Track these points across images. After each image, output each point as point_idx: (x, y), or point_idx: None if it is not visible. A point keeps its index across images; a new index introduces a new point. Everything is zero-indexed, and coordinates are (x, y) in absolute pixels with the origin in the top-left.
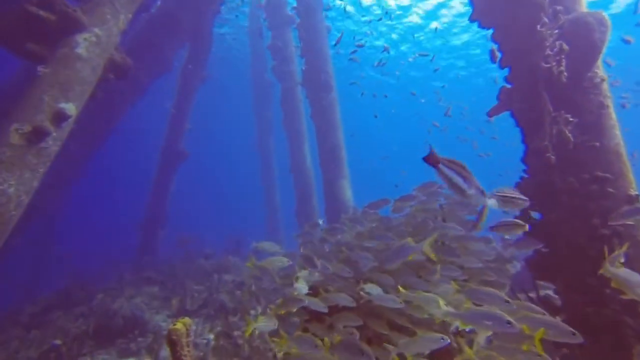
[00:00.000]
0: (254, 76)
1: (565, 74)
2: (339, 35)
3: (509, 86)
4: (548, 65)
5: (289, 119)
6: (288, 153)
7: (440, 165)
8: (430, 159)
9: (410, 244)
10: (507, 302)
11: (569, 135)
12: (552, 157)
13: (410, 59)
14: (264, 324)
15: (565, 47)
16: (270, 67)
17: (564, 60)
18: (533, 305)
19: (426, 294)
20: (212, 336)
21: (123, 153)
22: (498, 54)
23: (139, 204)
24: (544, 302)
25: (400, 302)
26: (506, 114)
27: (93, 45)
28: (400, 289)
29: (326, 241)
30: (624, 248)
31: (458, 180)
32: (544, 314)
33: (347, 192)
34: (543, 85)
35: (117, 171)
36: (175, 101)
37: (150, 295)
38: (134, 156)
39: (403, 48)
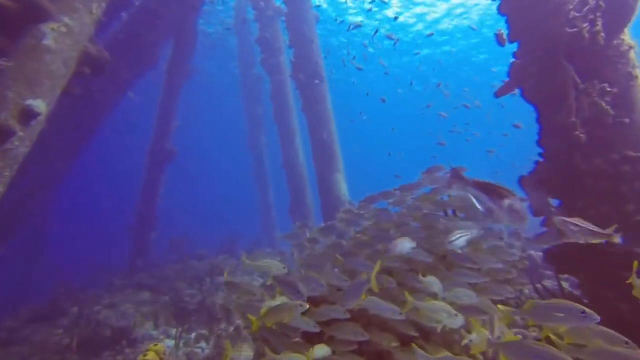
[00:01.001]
0: (242, 71)
1: (602, 34)
2: (327, 25)
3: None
4: (574, 30)
5: (279, 113)
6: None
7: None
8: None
9: (362, 279)
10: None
11: (607, 107)
12: (582, 135)
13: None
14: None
15: (602, 3)
16: (259, 60)
17: (599, 19)
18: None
19: (436, 302)
20: (206, 344)
21: (111, 153)
22: (504, 33)
23: (129, 206)
24: (569, 298)
25: (402, 313)
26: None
27: (63, 35)
28: (407, 296)
29: (317, 242)
30: None
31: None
32: None
33: (342, 186)
34: (564, 54)
35: (106, 173)
36: (161, 98)
37: (141, 301)
38: (122, 156)
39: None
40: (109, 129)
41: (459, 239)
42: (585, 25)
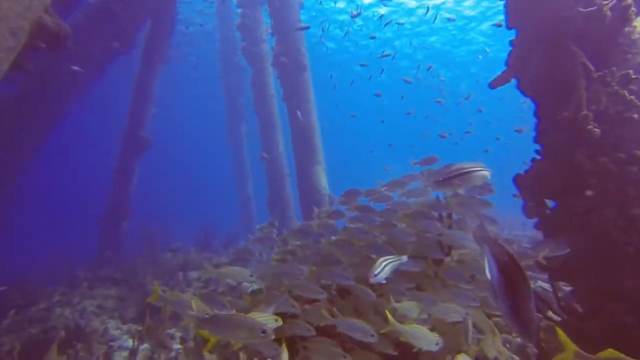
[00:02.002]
0: (223, 59)
1: (633, 9)
2: (311, 12)
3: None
4: (591, 9)
5: (259, 102)
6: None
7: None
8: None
9: None
10: None
11: (632, 98)
12: (596, 130)
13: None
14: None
15: None
16: (240, 48)
17: None
18: None
19: (417, 327)
20: (177, 345)
21: (81, 141)
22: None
23: (100, 195)
24: (566, 309)
25: (374, 335)
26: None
27: (9, 1)
28: (388, 316)
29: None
30: None
31: None
32: None
33: (322, 179)
34: (571, 39)
35: (75, 159)
36: (136, 83)
37: (105, 297)
38: (93, 143)
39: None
40: (81, 113)
41: (384, 269)
42: (607, 1)
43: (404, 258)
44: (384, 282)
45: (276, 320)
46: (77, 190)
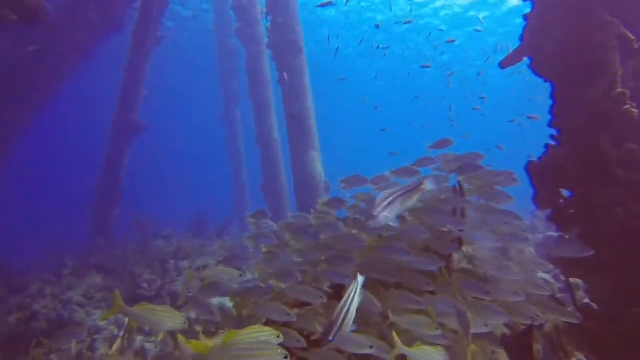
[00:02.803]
0: (218, 42)
1: None
2: None
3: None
4: None
5: (254, 86)
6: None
7: None
8: None
9: None
10: None
11: None
12: (634, 110)
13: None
14: None
15: None
16: (234, 30)
17: None
18: None
19: (428, 350)
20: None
21: (70, 123)
22: None
23: (90, 181)
24: (584, 311)
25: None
26: None
27: None
28: (395, 338)
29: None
30: None
31: None
32: None
33: (317, 165)
34: (600, 5)
35: (64, 145)
36: (127, 65)
37: (93, 286)
38: (83, 127)
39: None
40: (69, 96)
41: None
42: None
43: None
44: (394, 224)
45: (278, 337)
46: (68, 175)
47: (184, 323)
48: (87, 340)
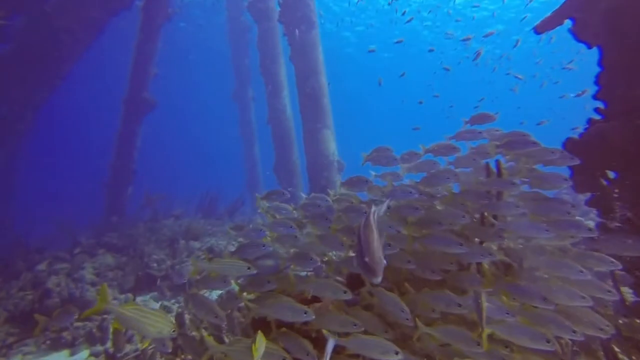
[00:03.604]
0: (230, 18)
1: None
2: None
3: None
4: None
5: (266, 62)
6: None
7: None
8: None
9: None
10: None
11: None
12: None
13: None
14: None
15: None
16: (246, 6)
17: None
18: None
19: None
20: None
21: (83, 103)
22: None
23: (104, 160)
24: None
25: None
26: None
27: None
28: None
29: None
30: None
31: None
32: None
33: (331, 144)
34: None
35: (79, 123)
36: (137, 42)
37: (104, 265)
38: (96, 106)
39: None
40: (80, 75)
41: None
42: None
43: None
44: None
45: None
46: (86, 154)
47: (173, 331)
48: (97, 320)
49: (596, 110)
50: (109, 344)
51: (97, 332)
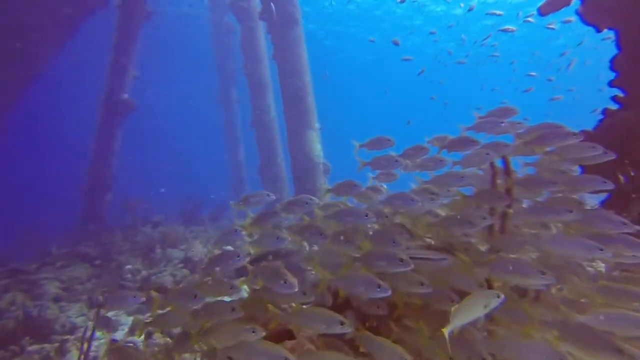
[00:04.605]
0: (213, 19)
1: None
2: None
3: None
4: None
5: (249, 63)
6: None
7: None
8: None
9: None
10: None
11: None
12: None
13: None
14: None
15: None
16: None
17: None
18: None
19: None
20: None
21: (58, 106)
22: None
23: (82, 165)
24: None
25: None
26: None
27: None
28: None
29: None
30: None
31: None
32: None
33: (316, 145)
34: None
35: (53, 126)
36: (114, 42)
37: (74, 277)
38: (72, 109)
39: None
40: (54, 76)
41: None
42: None
43: None
44: None
45: None
46: (59, 158)
47: None
48: (57, 341)
49: (613, 98)
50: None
51: (55, 356)
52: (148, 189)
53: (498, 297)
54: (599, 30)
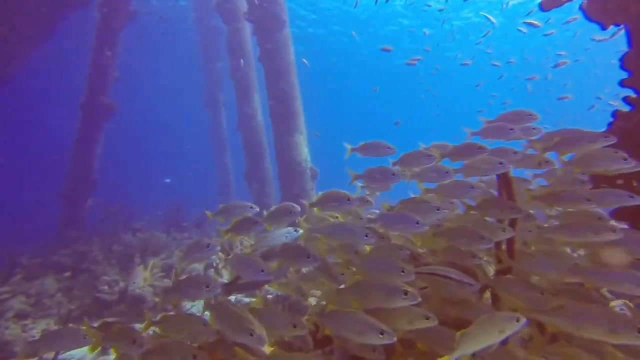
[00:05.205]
0: (199, 21)
1: None
2: None
3: None
4: None
5: (235, 66)
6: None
7: None
8: None
9: None
10: None
11: None
12: None
13: None
14: None
15: None
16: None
17: None
18: None
19: None
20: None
21: (34, 108)
22: None
23: (61, 170)
24: None
25: None
26: None
27: None
28: None
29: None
30: None
31: None
32: None
33: (303, 150)
34: None
35: (30, 130)
36: (95, 41)
37: (44, 290)
38: (49, 113)
39: None
40: (32, 77)
41: None
42: None
43: None
44: None
45: None
46: (39, 160)
47: None
48: None
49: (625, 100)
50: None
51: None
52: (134, 195)
53: (517, 321)
54: (604, 28)
